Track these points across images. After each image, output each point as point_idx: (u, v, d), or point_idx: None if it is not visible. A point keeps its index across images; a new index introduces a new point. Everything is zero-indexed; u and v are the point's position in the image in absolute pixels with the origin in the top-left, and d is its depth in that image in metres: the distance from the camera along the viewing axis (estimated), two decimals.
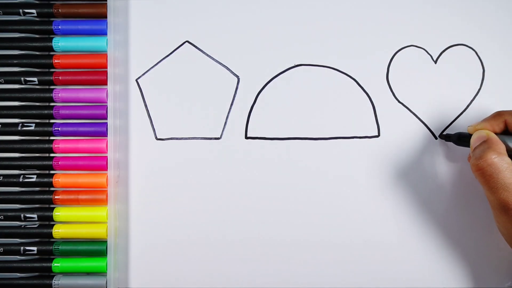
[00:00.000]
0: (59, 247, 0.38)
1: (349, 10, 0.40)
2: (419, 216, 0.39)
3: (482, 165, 0.31)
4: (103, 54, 0.39)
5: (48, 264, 0.38)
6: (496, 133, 0.34)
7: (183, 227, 0.39)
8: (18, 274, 0.38)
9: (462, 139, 0.36)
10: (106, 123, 0.39)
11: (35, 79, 0.39)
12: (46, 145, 0.39)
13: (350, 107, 0.40)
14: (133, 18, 0.40)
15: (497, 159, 0.30)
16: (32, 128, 0.39)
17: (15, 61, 0.39)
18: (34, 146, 0.39)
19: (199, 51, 0.40)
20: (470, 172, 0.39)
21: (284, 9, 0.40)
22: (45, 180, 0.39)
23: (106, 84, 0.39)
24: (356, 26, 0.40)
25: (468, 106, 0.40)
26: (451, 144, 0.39)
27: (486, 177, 0.30)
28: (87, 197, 0.38)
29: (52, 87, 0.40)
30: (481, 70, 0.40)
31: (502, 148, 0.31)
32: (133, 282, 0.39)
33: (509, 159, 0.31)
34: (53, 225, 0.39)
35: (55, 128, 0.39)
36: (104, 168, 0.39)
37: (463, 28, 0.40)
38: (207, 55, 0.40)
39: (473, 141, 0.33)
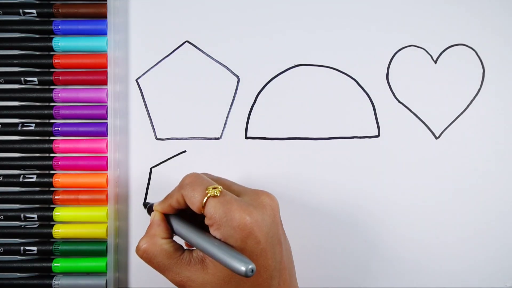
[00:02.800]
0: (59, 247, 0.38)
1: (349, 10, 0.40)
2: (419, 216, 0.39)
3: (138, 253, 0.30)
4: (103, 54, 0.39)
5: (48, 264, 0.38)
6: (171, 214, 0.32)
7: None
8: (18, 274, 0.38)
9: (149, 211, 0.34)
10: (106, 123, 0.39)
11: (35, 79, 0.39)
12: (46, 145, 0.39)
13: (350, 107, 0.40)
14: (133, 18, 0.40)
15: (146, 246, 0.30)
16: (32, 128, 0.39)
17: (15, 61, 0.39)
18: (34, 146, 0.39)
19: (199, 51, 0.40)
20: (469, 172, 0.39)
21: (284, 9, 0.40)
22: (45, 180, 0.39)
23: (106, 84, 0.39)
24: (356, 26, 0.40)
25: (468, 106, 0.40)
26: (451, 144, 0.39)
27: (148, 264, 0.30)
28: (87, 197, 0.38)
29: (52, 87, 0.40)
30: (481, 70, 0.40)
31: (158, 231, 0.31)
32: (133, 282, 0.39)
33: (162, 241, 0.30)
34: (53, 225, 0.39)
35: (55, 128, 0.39)
36: (104, 168, 0.39)
37: (463, 28, 0.40)
38: (207, 55, 0.40)
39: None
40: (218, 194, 0.28)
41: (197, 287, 0.29)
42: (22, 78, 0.39)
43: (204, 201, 0.28)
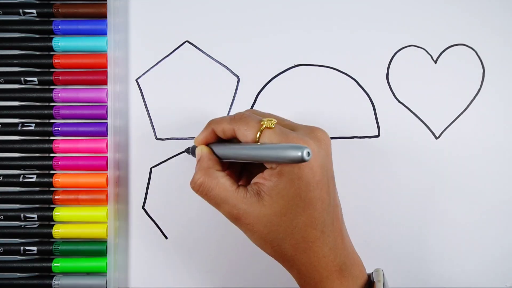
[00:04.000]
0: (59, 247, 0.38)
1: (349, 10, 0.40)
2: (419, 216, 0.39)
3: (194, 188, 0.30)
4: (103, 54, 0.39)
5: (48, 264, 0.38)
6: (212, 143, 0.32)
7: (183, 227, 0.39)
8: (18, 274, 0.38)
9: (194, 153, 0.34)
10: (106, 123, 0.39)
11: (35, 79, 0.39)
12: (46, 145, 0.39)
13: (350, 107, 0.40)
14: (133, 18, 0.40)
15: (202, 178, 0.30)
16: (32, 128, 0.39)
17: (15, 61, 0.39)
18: (34, 146, 0.39)
19: (199, 51, 0.40)
20: (469, 172, 0.39)
21: (284, 9, 0.40)
22: (45, 180, 0.39)
23: (106, 84, 0.39)
24: (356, 26, 0.40)
25: (468, 106, 0.40)
26: (451, 144, 0.39)
27: (204, 197, 0.30)
28: (87, 197, 0.38)
29: (52, 87, 0.40)
30: (481, 70, 0.40)
31: (211, 163, 0.31)
32: (133, 282, 0.39)
33: (218, 173, 0.30)
34: (53, 225, 0.39)
35: (55, 128, 0.39)
36: (104, 168, 0.39)
37: (463, 28, 0.40)
38: (207, 55, 0.40)
39: (196, 159, 0.33)
40: (273, 126, 0.28)
41: (252, 219, 0.28)
42: (22, 78, 0.39)
43: (259, 133, 0.28)
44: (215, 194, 0.29)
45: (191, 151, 0.35)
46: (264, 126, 0.28)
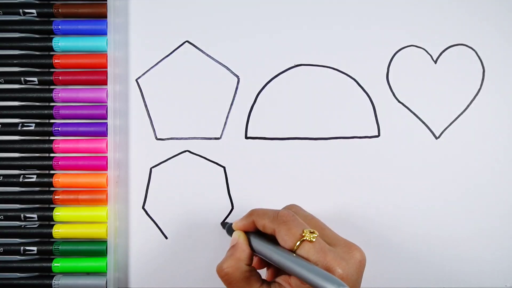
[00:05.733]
0: (59, 247, 0.38)
1: (349, 10, 0.40)
2: (419, 216, 0.39)
3: (219, 274, 0.31)
4: (103, 54, 0.39)
5: (48, 264, 0.38)
6: (250, 232, 0.33)
7: (183, 227, 0.39)
8: (18, 274, 0.38)
9: (230, 233, 0.34)
10: (106, 123, 0.39)
11: (35, 79, 0.39)
12: (46, 145, 0.39)
13: (350, 107, 0.40)
14: (133, 18, 0.40)
15: (230, 270, 0.30)
16: (32, 128, 0.39)
17: (15, 61, 0.39)
18: (34, 146, 0.39)
19: (199, 51, 0.40)
20: (469, 172, 0.39)
21: (284, 9, 0.40)
22: (45, 180, 0.39)
23: (106, 84, 0.39)
24: (356, 26, 0.40)
25: (468, 106, 0.40)
26: (451, 144, 0.39)
27: (226, 285, 0.31)
28: (87, 197, 0.38)
29: (52, 87, 0.40)
30: (481, 70, 0.40)
31: (243, 256, 0.31)
32: (133, 282, 0.39)
33: (247, 267, 0.31)
34: (53, 225, 0.39)
35: (55, 128, 0.39)
36: (104, 168, 0.39)
37: (463, 28, 0.40)
38: (207, 55, 0.40)
39: (231, 242, 0.33)
40: (314, 240, 0.29)
41: None
42: (22, 78, 0.39)
43: (298, 243, 0.29)
44: (239, 286, 0.30)
45: (226, 229, 0.35)
46: (304, 238, 0.29)
